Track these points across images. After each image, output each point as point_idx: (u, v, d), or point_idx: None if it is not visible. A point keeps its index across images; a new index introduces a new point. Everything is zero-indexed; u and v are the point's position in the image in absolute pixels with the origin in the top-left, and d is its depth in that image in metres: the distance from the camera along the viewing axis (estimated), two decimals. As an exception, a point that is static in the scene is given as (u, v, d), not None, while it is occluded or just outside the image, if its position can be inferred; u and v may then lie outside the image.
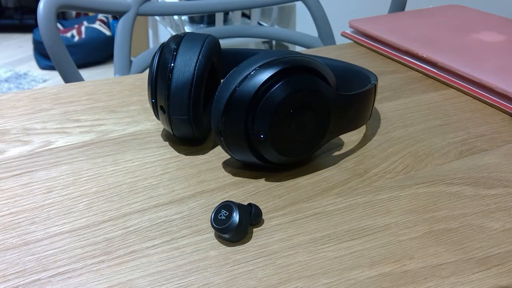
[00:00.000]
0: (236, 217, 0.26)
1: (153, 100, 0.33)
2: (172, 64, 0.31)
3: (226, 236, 0.26)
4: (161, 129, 0.38)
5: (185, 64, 0.31)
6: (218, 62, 0.35)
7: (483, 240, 0.27)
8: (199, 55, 0.32)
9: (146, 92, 0.33)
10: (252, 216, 0.27)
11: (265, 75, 0.29)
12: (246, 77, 0.29)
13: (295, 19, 1.75)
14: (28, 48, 2.51)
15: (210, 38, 0.34)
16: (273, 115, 0.29)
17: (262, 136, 0.29)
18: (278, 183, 0.32)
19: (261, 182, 0.32)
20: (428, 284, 0.24)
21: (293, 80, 0.29)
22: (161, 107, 0.32)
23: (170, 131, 0.34)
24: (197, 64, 0.31)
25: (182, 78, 0.31)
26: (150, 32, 2.09)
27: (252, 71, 0.29)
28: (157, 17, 1.87)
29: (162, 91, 0.32)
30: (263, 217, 0.28)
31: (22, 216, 0.28)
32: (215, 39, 0.34)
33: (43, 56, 2.30)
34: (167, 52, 0.32)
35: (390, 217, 0.29)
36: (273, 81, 0.29)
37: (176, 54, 0.32)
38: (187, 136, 0.34)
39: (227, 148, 0.31)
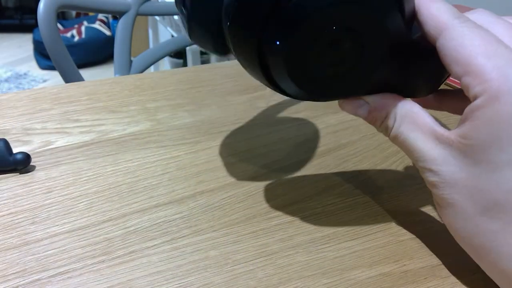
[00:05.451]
0: None
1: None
2: None
3: None
4: (161, 129, 0.38)
5: None
6: None
7: (483, 240, 0.27)
8: None
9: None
10: None
11: None
12: None
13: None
14: (28, 48, 2.51)
15: None
16: (305, 22, 0.20)
17: (278, 43, 0.21)
18: (278, 183, 0.32)
19: (261, 182, 0.32)
20: (428, 284, 0.24)
21: None
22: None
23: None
24: None
25: None
26: (150, 32, 2.09)
27: None
28: (157, 17, 1.87)
29: None
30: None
31: (22, 216, 0.28)
32: None
33: (43, 56, 2.30)
34: None
35: (390, 217, 0.29)
36: None
37: None
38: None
39: (230, 43, 0.23)
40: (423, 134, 0.23)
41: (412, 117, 0.23)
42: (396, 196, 0.31)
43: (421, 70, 0.24)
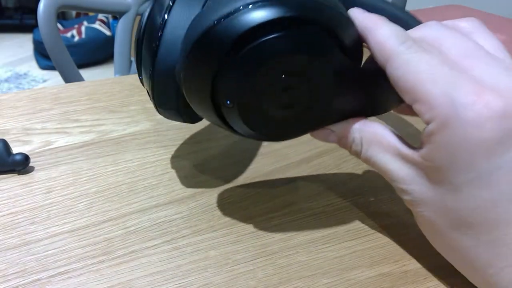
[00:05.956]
0: None
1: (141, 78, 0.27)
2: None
3: None
4: (161, 129, 0.38)
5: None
6: None
7: (483, 240, 0.27)
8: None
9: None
10: None
11: (258, 19, 0.21)
12: (230, 14, 0.21)
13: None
14: (28, 48, 2.51)
15: None
16: (251, 78, 0.21)
17: (228, 102, 0.22)
18: (278, 183, 0.32)
19: (261, 182, 0.32)
20: (428, 284, 0.24)
21: (292, 36, 0.21)
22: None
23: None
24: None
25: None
26: (150, 32, 2.09)
27: (242, 7, 0.21)
28: (157, 17, 1.87)
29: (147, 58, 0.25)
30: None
31: (22, 216, 0.28)
32: None
33: (43, 56, 2.30)
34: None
35: (390, 217, 0.29)
36: (267, 30, 0.21)
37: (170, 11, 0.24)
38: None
39: (188, 100, 0.24)
40: (390, 155, 0.23)
41: (377, 140, 0.24)
42: (396, 196, 0.30)
43: (382, 88, 0.24)
